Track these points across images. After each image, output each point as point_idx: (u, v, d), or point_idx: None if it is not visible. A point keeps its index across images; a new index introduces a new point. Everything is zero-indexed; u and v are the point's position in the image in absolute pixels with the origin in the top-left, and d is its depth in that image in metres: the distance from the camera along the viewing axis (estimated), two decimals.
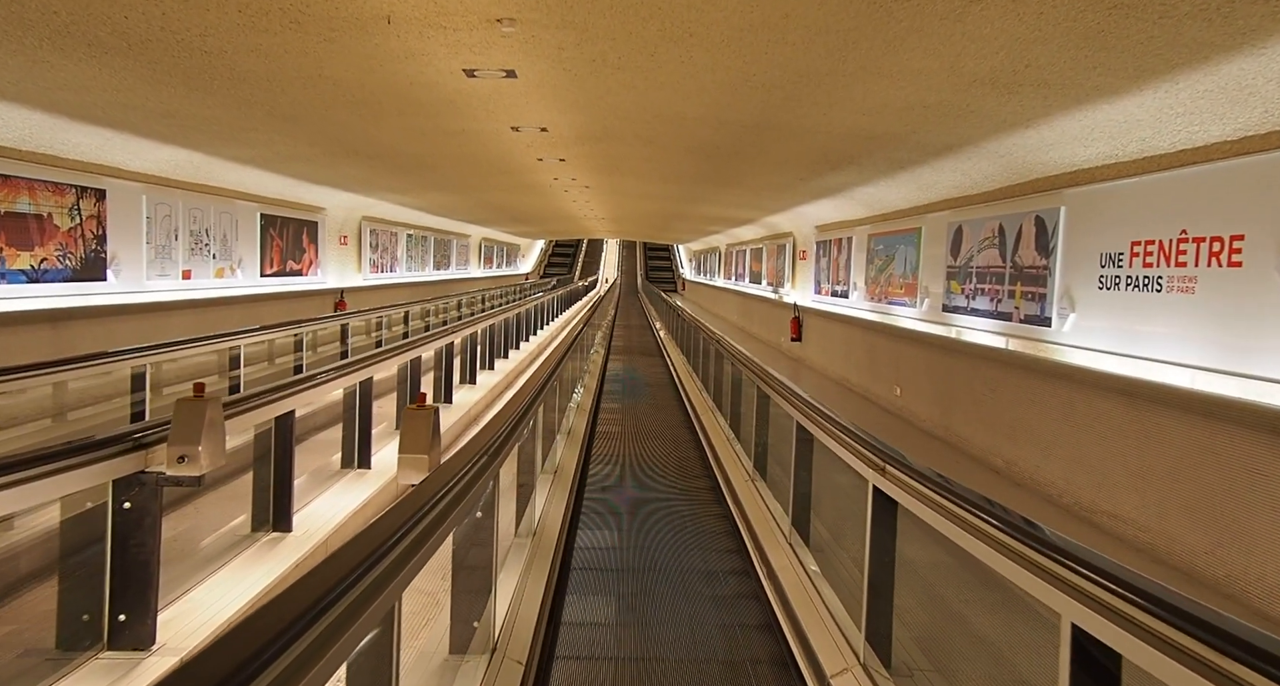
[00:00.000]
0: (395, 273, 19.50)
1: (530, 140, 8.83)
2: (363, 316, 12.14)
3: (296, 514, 4.81)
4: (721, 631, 4.57)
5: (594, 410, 10.90)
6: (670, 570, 5.50)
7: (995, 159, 7.10)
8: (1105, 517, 5.14)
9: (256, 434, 4.74)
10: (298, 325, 8.45)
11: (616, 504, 7.03)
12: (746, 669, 4.11)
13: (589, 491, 7.22)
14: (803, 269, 16.60)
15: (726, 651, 4.33)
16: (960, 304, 8.46)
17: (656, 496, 7.28)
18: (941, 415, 8.00)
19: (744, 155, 8.83)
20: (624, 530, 6.38)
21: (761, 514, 5.57)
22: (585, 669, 4.04)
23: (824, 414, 4.26)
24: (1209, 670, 1.49)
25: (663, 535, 6.24)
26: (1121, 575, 1.77)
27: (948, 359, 7.95)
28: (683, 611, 4.78)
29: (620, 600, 5.03)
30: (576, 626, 4.60)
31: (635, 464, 8.34)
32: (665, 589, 5.17)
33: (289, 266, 13.35)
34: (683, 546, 6.04)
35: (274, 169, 10.82)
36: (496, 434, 3.48)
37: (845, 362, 11.60)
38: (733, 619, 4.72)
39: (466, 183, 13.39)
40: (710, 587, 5.22)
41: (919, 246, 9.83)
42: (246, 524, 4.62)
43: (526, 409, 4.66)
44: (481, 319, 11.60)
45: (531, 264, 43.62)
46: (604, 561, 5.75)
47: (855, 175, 9.34)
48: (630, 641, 4.42)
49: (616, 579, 5.46)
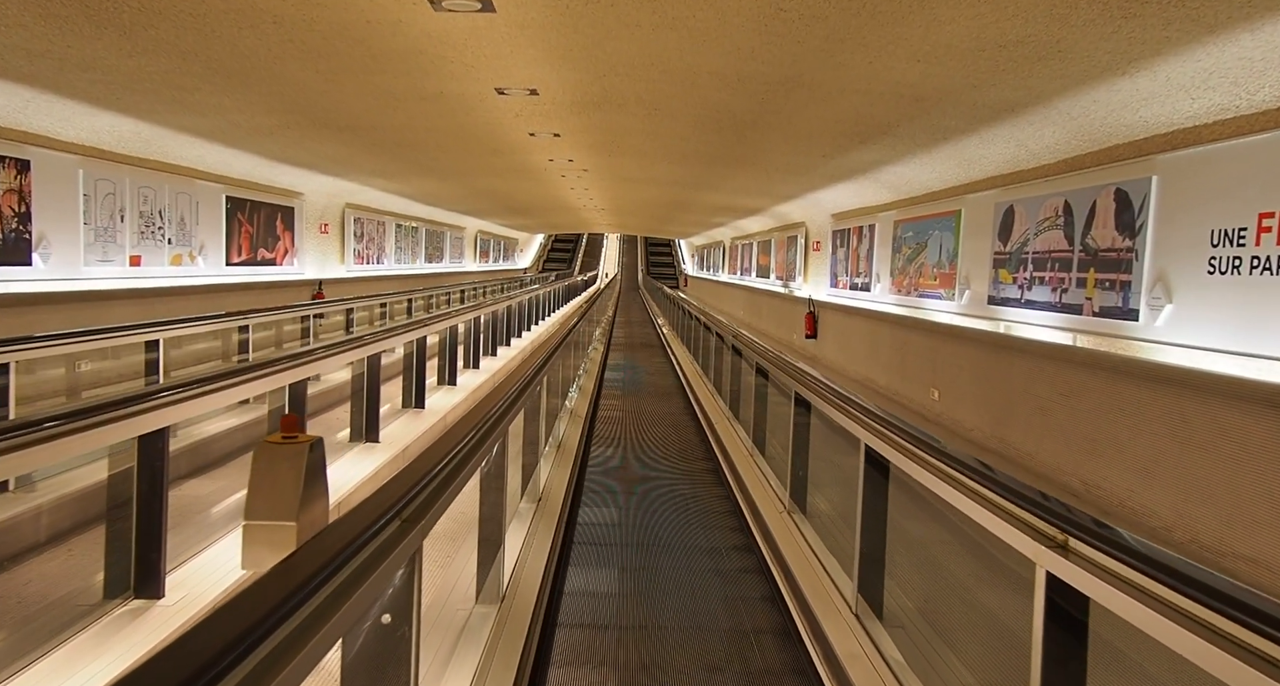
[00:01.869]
0: (383, 265, 18.41)
1: (519, 108, 7.73)
2: (310, 309, 10.59)
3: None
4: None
5: (585, 438, 8.60)
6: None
7: (1065, 123, 6.01)
8: (1242, 562, 4.06)
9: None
10: (243, 316, 7.34)
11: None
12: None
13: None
14: (816, 261, 15.51)
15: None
16: (1011, 295, 7.37)
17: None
18: (993, 423, 6.91)
19: (763, 125, 7.73)
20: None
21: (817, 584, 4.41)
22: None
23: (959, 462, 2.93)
24: None
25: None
26: None
27: (1002, 359, 6.86)
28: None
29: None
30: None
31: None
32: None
33: (260, 255, 12.26)
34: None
35: (237, 145, 9.72)
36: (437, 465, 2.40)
37: (869, 362, 10.50)
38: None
39: (455, 165, 12.29)
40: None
41: (958, 232, 8.74)
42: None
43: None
44: (461, 313, 10.48)
45: (530, 259, 42.60)
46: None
47: (887, 151, 8.25)
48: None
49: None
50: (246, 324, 7.40)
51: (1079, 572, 1.79)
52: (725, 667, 3.81)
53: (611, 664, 3.82)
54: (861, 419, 3.74)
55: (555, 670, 3.71)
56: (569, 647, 3.98)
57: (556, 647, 3.95)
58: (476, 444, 2.90)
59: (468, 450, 2.72)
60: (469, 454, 2.71)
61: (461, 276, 24.52)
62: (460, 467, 2.52)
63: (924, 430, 3.18)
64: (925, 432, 3.14)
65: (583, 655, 3.90)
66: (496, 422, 3.48)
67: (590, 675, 3.71)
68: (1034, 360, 6.32)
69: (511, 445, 4.32)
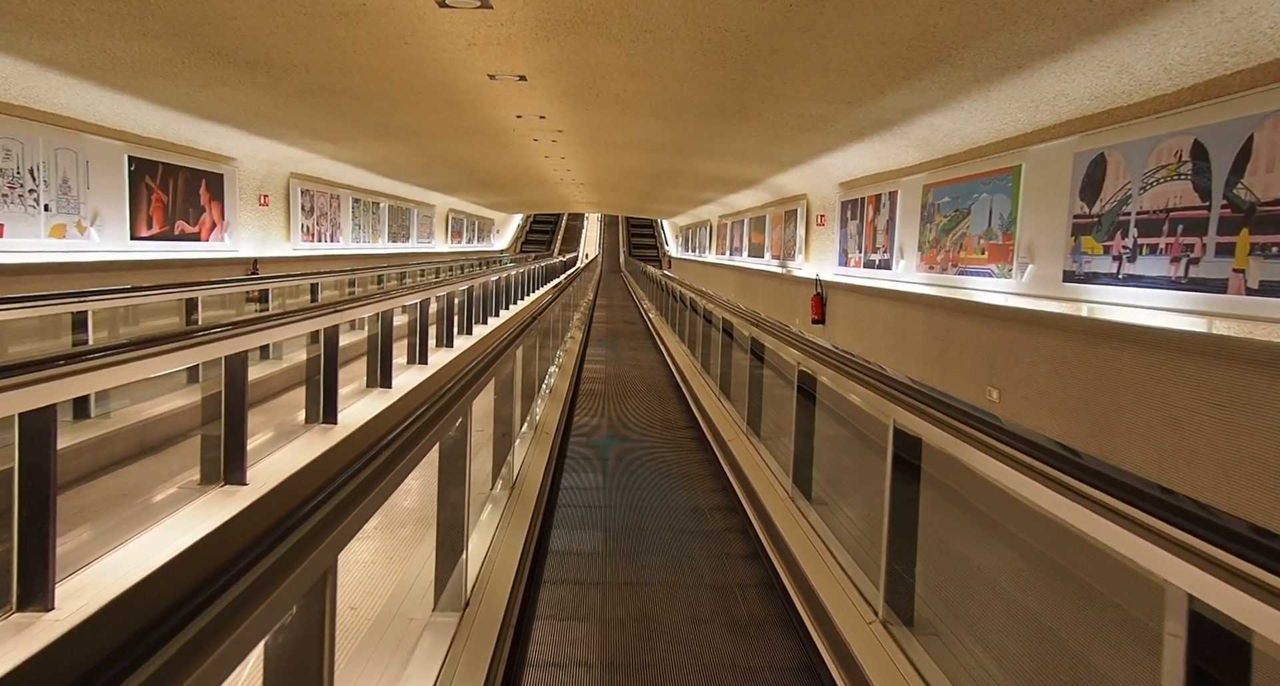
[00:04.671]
0: (338, 243, 16.60)
1: (471, 31, 6.02)
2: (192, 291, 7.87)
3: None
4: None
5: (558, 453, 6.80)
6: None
7: (1210, 30, 4.37)
8: None
9: None
10: (79, 299, 5.55)
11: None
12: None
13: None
14: (820, 237, 13.88)
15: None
16: (1102, 269, 5.75)
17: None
18: (1089, 435, 5.30)
19: (782, 52, 6.05)
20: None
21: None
22: None
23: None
24: None
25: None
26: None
27: (1104, 351, 5.24)
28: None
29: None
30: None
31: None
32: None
33: (179, 228, 10.45)
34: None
35: (129, 89, 7.92)
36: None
37: (896, 352, 8.90)
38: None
39: (408, 125, 10.52)
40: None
41: (1016, 193, 7.11)
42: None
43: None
44: (398, 295, 8.74)
45: (507, 240, 40.83)
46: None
47: (934, 90, 6.59)
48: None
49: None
50: (84, 309, 5.58)
51: None
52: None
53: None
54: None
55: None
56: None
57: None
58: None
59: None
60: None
61: (430, 257, 22.69)
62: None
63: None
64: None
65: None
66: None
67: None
68: (1159, 354, 4.70)
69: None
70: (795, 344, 5.04)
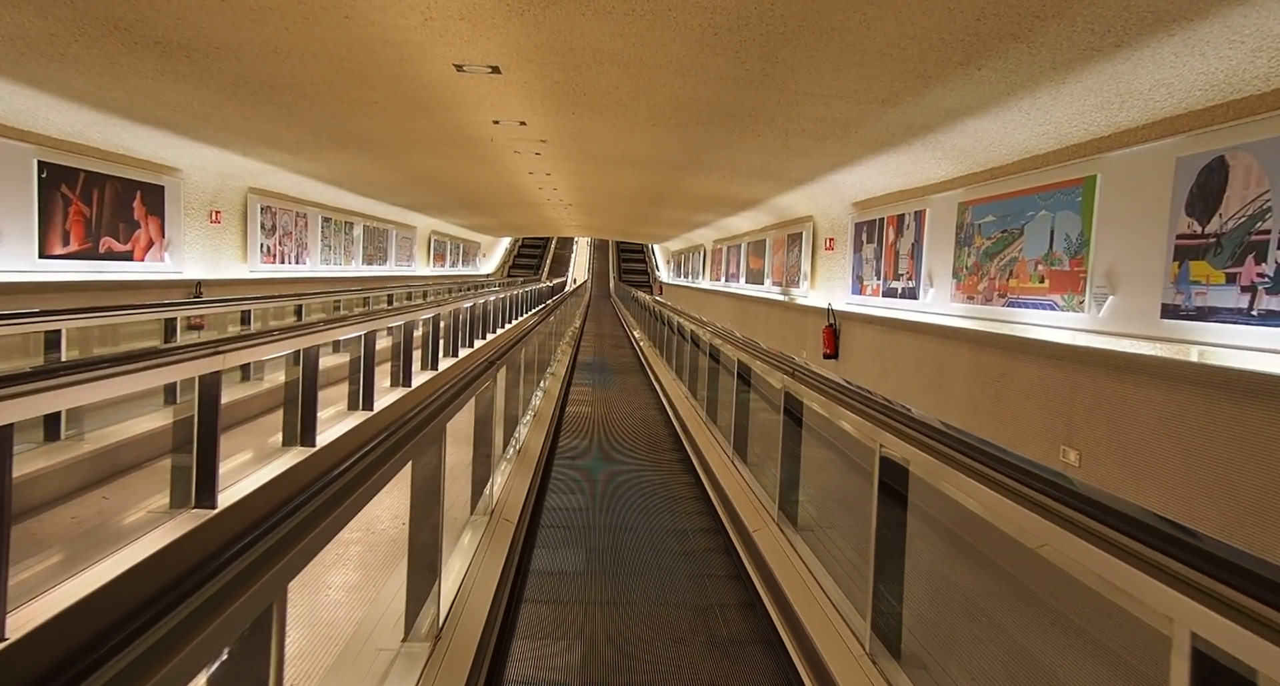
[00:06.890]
0: (304, 264, 15.29)
1: (428, 4, 4.77)
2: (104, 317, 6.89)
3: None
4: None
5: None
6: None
7: None
8: None
9: None
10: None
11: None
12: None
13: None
14: (828, 263, 12.67)
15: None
16: (1226, 303, 4.51)
17: None
18: (1235, 523, 4.02)
19: (811, 32, 4.83)
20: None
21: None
22: None
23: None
24: None
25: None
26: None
27: (1245, 411, 3.98)
28: None
29: None
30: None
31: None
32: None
33: (106, 246, 9.13)
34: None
35: (37, 84, 6.65)
36: None
37: (932, 396, 7.63)
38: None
39: (373, 132, 9.26)
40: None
41: (1089, 209, 5.89)
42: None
43: None
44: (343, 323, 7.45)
45: (494, 264, 39.64)
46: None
47: (993, 85, 5.39)
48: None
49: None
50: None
51: None
52: None
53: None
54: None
55: None
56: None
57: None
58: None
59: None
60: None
61: (407, 281, 21.39)
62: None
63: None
64: None
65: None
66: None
67: None
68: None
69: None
70: (871, 411, 3.75)
